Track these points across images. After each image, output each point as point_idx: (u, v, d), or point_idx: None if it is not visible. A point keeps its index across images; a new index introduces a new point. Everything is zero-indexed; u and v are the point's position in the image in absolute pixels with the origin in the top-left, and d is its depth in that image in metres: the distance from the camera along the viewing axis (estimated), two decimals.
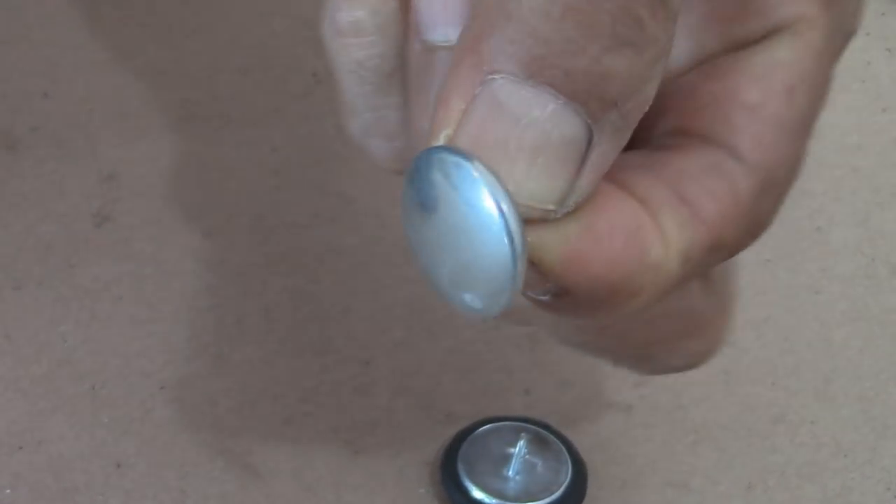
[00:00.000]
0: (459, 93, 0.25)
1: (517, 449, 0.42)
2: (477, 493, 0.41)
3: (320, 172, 0.53)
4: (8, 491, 0.41)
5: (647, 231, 0.28)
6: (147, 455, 0.43)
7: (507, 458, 0.42)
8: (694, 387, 0.47)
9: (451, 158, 0.25)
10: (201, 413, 0.44)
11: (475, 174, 0.25)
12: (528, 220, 0.26)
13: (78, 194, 0.52)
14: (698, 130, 0.28)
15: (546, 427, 0.43)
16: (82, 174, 0.53)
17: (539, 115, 0.26)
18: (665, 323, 0.30)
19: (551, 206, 0.26)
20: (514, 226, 0.25)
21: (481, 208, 0.25)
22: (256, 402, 0.44)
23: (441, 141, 0.26)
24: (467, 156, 0.26)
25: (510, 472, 0.42)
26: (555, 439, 0.43)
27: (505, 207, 0.25)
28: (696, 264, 0.28)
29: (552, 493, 0.41)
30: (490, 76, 0.25)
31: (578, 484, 0.42)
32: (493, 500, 0.41)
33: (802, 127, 0.29)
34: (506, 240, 0.25)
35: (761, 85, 0.28)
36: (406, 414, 0.45)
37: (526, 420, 0.44)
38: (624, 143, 0.26)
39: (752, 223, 0.28)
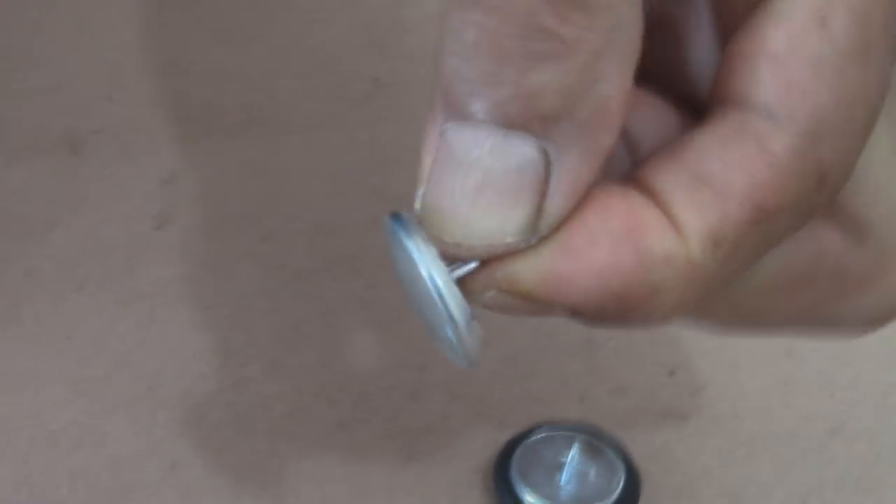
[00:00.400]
0: (426, 149, 0.26)
1: (570, 456, 0.42)
2: (529, 499, 0.41)
3: (379, 178, 0.53)
4: (65, 490, 0.42)
5: (643, 228, 0.27)
6: (202, 456, 0.43)
7: (559, 466, 0.42)
8: (751, 396, 0.46)
9: (392, 226, 0.26)
10: (256, 416, 0.44)
11: (405, 241, 0.26)
12: (498, 257, 0.26)
13: (139, 197, 0.53)
14: (728, 97, 0.27)
15: (599, 435, 0.43)
16: (144, 177, 0.54)
17: (478, 153, 0.26)
18: (806, 287, 0.29)
19: (511, 239, 0.26)
20: (444, 291, 0.26)
21: (416, 275, 0.26)
22: (311, 407, 0.45)
23: (417, 201, 0.26)
24: (404, 221, 0.26)
25: (563, 480, 0.41)
26: (608, 447, 0.43)
27: (428, 272, 0.26)
28: (740, 243, 0.26)
29: (604, 501, 0.41)
30: (443, 127, 0.25)
31: (631, 492, 0.42)
32: None
33: (852, 54, 0.26)
34: (440, 305, 0.26)
35: (786, 26, 0.26)
36: (460, 420, 0.45)
37: (579, 427, 0.43)
38: (599, 148, 0.26)
39: (806, 178, 0.26)
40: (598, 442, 0.43)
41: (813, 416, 0.46)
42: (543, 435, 0.43)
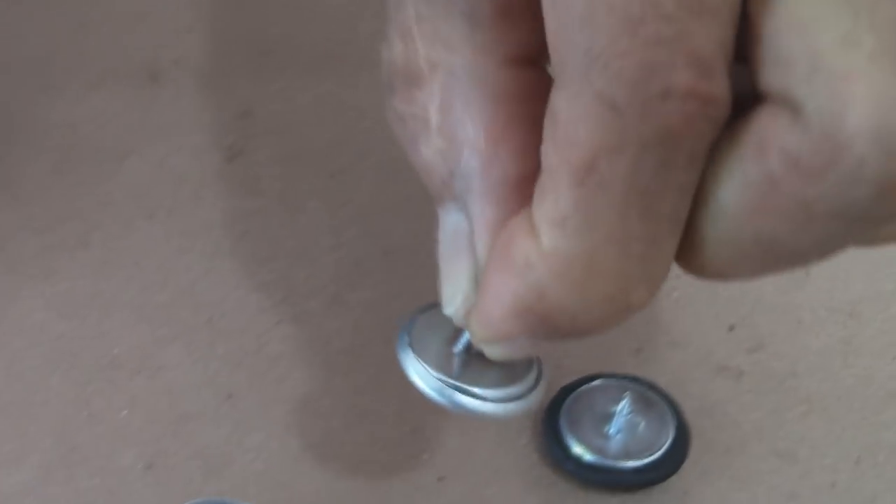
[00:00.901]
0: None
1: (620, 407, 0.41)
2: (576, 449, 0.41)
3: None
4: (125, 412, 0.42)
5: (510, 243, 0.30)
6: (258, 388, 0.43)
7: (609, 416, 0.42)
8: (810, 355, 0.46)
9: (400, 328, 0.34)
10: (314, 351, 0.45)
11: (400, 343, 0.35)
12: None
13: (213, 128, 0.53)
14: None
15: (653, 387, 0.43)
16: (219, 109, 0.54)
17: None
18: (773, 192, 0.27)
19: (466, 293, 0.32)
20: (426, 385, 0.34)
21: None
22: (368, 344, 0.45)
23: None
24: (407, 324, 0.35)
25: (611, 430, 0.41)
26: (660, 400, 0.42)
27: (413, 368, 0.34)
28: (587, 207, 0.28)
29: (652, 454, 0.41)
30: None
31: (680, 446, 0.41)
32: (592, 457, 0.41)
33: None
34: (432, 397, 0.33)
35: None
36: None
37: (633, 378, 0.43)
38: (499, 194, 0.30)
39: (597, 117, 0.27)
40: (650, 394, 0.43)
41: (872, 378, 0.45)
42: (596, 384, 0.43)
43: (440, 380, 0.34)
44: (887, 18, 0.25)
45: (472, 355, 0.33)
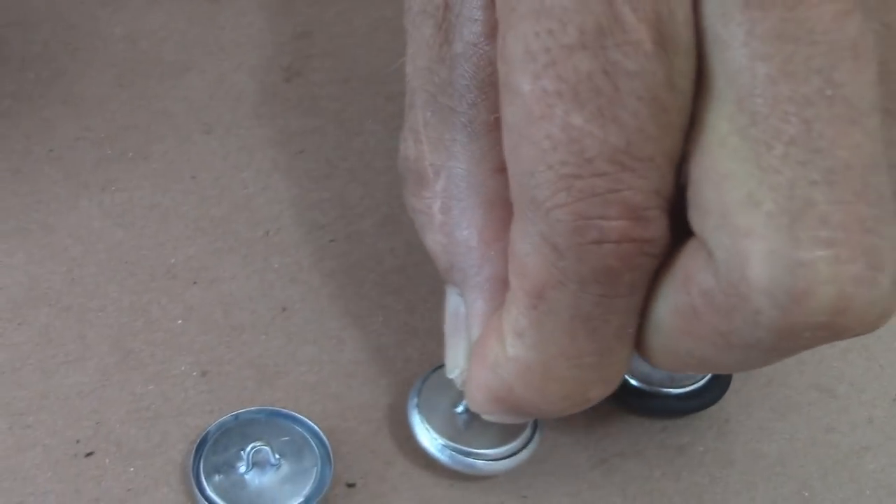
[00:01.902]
0: None
1: None
2: (625, 375, 0.41)
3: None
4: (180, 321, 0.43)
5: (487, 341, 0.34)
6: (311, 302, 0.44)
7: None
8: None
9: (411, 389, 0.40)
10: (367, 268, 0.45)
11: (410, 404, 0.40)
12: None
13: (272, 48, 0.53)
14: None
15: None
16: (278, 29, 0.54)
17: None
18: (696, 321, 0.30)
19: (463, 366, 0.36)
20: (431, 447, 0.38)
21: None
22: (421, 263, 0.45)
23: None
24: (419, 385, 0.40)
25: None
26: None
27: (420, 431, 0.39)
28: (538, 325, 0.31)
29: (696, 382, 0.41)
30: None
31: (723, 376, 0.41)
32: (638, 382, 0.41)
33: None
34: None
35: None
36: None
37: None
38: (490, 289, 0.35)
39: (544, 258, 0.30)
40: None
41: None
42: None
43: (444, 443, 0.38)
44: (787, 180, 0.27)
45: (474, 415, 0.37)
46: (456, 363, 0.37)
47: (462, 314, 0.36)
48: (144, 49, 0.52)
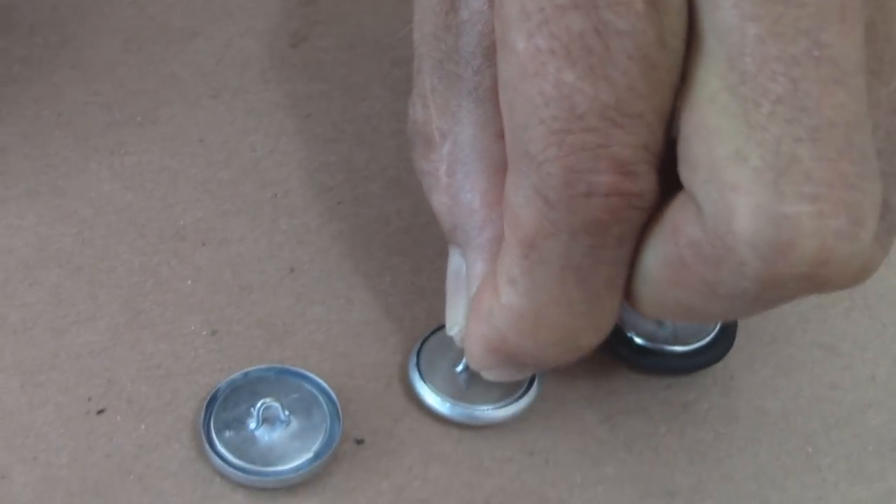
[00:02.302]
0: None
1: None
2: (628, 332, 0.41)
3: None
4: (189, 282, 0.43)
5: (482, 293, 0.35)
6: (319, 263, 0.44)
7: None
8: None
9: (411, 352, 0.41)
10: (374, 230, 0.45)
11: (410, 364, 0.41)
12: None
13: (279, 14, 0.53)
14: None
15: None
16: None
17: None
18: (684, 272, 0.30)
19: (462, 323, 0.37)
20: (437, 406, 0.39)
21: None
22: (427, 225, 0.45)
23: None
24: (418, 347, 0.41)
25: None
26: None
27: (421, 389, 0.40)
28: (529, 273, 0.32)
29: (701, 340, 0.41)
30: None
31: (727, 334, 0.42)
32: (643, 340, 0.41)
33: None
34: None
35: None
36: None
37: None
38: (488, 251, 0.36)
39: (533, 209, 0.31)
40: None
41: None
42: None
43: (447, 402, 0.39)
44: (773, 137, 0.27)
45: (474, 374, 0.38)
46: (455, 321, 0.38)
47: (463, 274, 0.37)
48: (152, 14, 0.52)
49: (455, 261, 0.38)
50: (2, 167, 0.46)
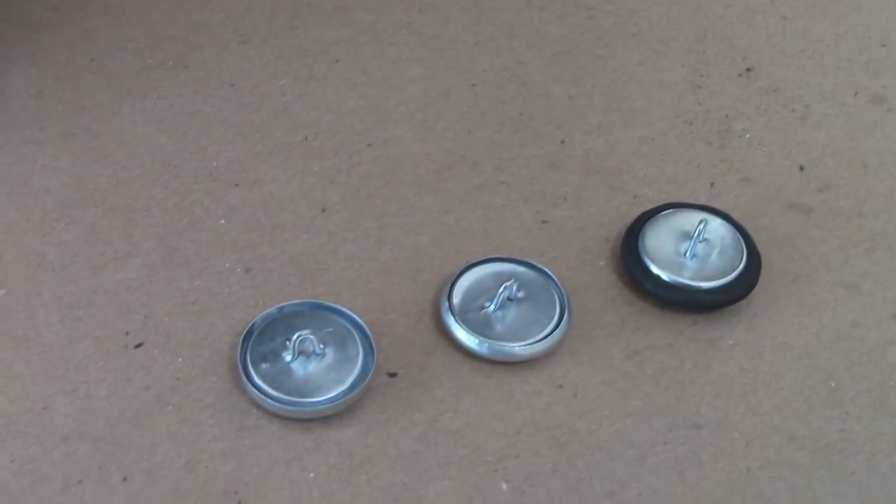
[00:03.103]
0: None
1: (696, 233, 0.42)
2: (654, 269, 0.41)
3: None
4: (223, 221, 0.43)
5: None
6: (350, 203, 0.44)
7: (686, 241, 0.42)
8: (876, 197, 0.46)
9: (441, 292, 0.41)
10: (403, 171, 0.45)
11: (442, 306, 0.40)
12: None
13: None
14: None
15: (727, 217, 0.43)
16: None
17: None
18: None
19: None
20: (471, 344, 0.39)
21: None
22: (455, 167, 0.45)
23: None
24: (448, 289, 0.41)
25: (688, 253, 0.42)
26: (734, 229, 0.43)
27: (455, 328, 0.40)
28: None
29: (726, 277, 0.41)
30: None
31: (751, 273, 0.42)
32: (670, 277, 0.41)
33: None
34: None
35: None
36: (594, 192, 0.45)
37: (708, 208, 0.43)
38: None
39: None
40: (724, 223, 0.43)
41: None
42: (672, 212, 0.43)
43: (479, 339, 0.39)
44: None
45: (504, 312, 0.39)
46: None
47: None
48: None
49: None
50: (36, 110, 0.46)
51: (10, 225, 0.42)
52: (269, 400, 0.37)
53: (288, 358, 0.38)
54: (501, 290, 0.40)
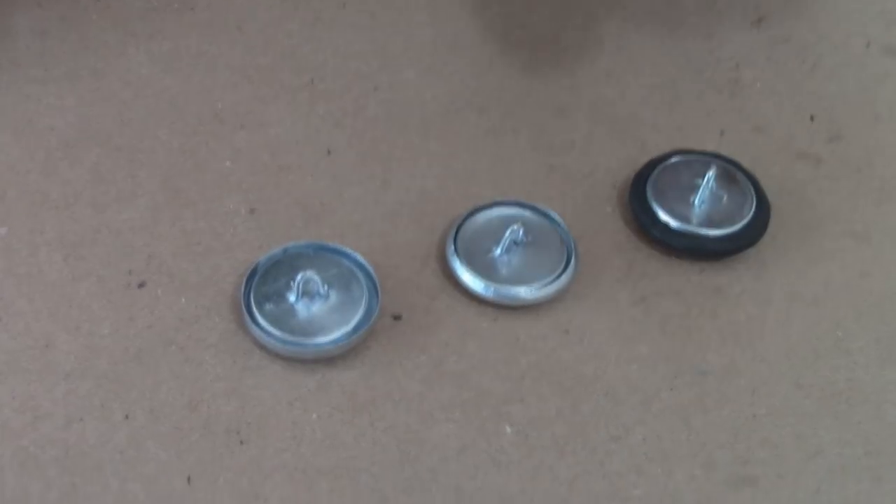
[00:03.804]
0: None
1: (706, 180, 0.41)
2: (663, 216, 0.40)
3: None
4: (228, 163, 0.42)
5: None
6: (356, 146, 0.43)
7: (694, 188, 0.41)
8: (886, 148, 0.45)
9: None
10: (410, 115, 0.44)
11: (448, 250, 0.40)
12: None
13: None
14: None
15: (736, 165, 0.42)
16: None
17: None
18: None
19: None
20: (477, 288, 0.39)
21: None
22: (462, 111, 0.44)
23: None
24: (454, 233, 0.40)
25: (696, 201, 0.41)
26: (743, 177, 0.42)
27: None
28: None
29: (734, 225, 0.40)
30: None
31: (761, 220, 0.41)
32: (678, 224, 0.40)
33: None
34: None
35: None
36: (602, 139, 0.44)
37: (717, 156, 0.43)
38: None
39: None
40: (733, 171, 0.42)
41: None
42: (681, 159, 0.42)
43: (485, 283, 0.38)
44: None
45: (510, 257, 0.39)
46: None
47: None
48: None
49: None
50: (41, 50, 0.45)
51: (13, 164, 0.42)
52: (272, 340, 0.37)
53: (292, 299, 0.38)
54: (508, 233, 0.39)
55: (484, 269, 0.39)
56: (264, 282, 0.38)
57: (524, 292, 0.39)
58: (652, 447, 0.36)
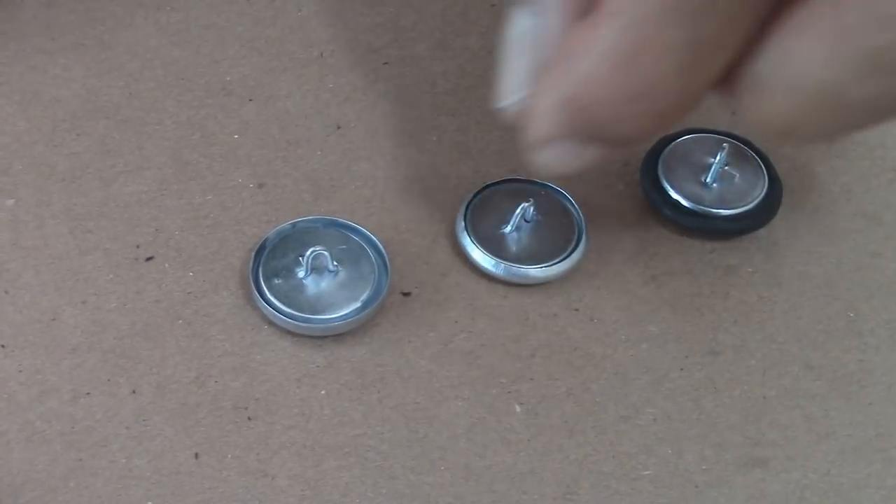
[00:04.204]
0: None
1: (717, 158, 0.40)
2: (674, 196, 0.40)
3: None
4: (236, 136, 0.42)
5: (576, 32, 0.30)
6: (366, 121, 0.43)
7: (706, 166, 0.41)
8: None
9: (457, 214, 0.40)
10: (420, 90, 0.44)
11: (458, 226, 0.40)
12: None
13: None
14: None
15: (748, 144, 0.42)
16: None
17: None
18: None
19: (513, 99, 0.34)
20: (487, 265, 0.39)
21: None
22: (474, 87, 0.44)
23: None
24: (464, 211, 0.40)
25: (708, 179, 0.40)
26: (755, 156, 0.41)
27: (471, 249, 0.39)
28: (638, 11, 0.28)
29: (746, 205, 0.40)
30: None
31: (772, 200, 0.40)
32: (689, 203, 0.40)
33: None
34: None
35: None
36: None
37: (729, 134, 0.42)
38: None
39: None
40: (745, 150, 0.42)
41: None
42: (693, 137, 0.42)
43: (496, 260, 0.38)
44: None
45: (521, 234, 0.38)
46: (514, 88, 0.33)
47: (531, 35, 0.33)
48: None
49: (522, 23, 0.33)
50: (48, 20, 0.45)
51: (19, 135, 0.41)
52: (280, 316, 0.36)
53: (301, 274, 0.37)
54: (518, 211, 0.39)
55: (494, 246, 0.39)
56: (273, 257, 0.38)
57: (534, 271, 0.38)
58: (662, 427, 0.36)
